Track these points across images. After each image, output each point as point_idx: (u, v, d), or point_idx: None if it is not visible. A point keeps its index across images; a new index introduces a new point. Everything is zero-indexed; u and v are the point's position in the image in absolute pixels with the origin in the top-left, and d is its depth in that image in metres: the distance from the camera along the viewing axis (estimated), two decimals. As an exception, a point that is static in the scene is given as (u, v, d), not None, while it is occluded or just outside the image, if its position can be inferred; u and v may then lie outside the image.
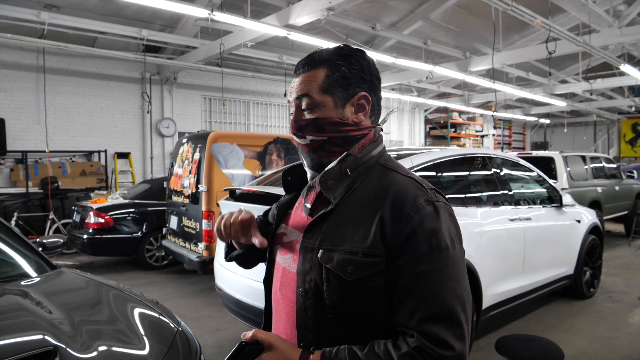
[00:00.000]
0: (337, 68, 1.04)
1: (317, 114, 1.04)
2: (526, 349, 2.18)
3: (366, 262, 0.94)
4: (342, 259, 0.95)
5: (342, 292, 0.95)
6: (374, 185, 1.02)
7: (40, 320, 1.83)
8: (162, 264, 6.89)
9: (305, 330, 1.00)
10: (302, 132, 1.07)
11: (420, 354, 0.87)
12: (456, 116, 17.36)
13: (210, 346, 3.89)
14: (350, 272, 0.94)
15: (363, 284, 0.94)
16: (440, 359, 0.86)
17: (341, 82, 1.04)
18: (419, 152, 3.68)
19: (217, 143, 5.42)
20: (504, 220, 3.84)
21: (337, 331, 0.97)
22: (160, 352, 1.83)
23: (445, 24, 10.52)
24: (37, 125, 8.69)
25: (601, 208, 8.09)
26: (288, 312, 1.06)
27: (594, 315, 4.68)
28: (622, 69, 9.70)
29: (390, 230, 0.94)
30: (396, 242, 0.93)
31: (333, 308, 0.96)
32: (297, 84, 1.07)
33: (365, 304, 0.95)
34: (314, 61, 1.06)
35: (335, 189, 1.03)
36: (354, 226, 0.98)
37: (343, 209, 1.01)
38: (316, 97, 1.04)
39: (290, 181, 1.22)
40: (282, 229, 1.17)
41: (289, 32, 7.00)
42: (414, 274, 0.91)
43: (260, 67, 11.21)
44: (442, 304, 0.90)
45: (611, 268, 6.56)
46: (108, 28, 7.86)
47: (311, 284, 0.99)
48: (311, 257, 1.00)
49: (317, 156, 1.07)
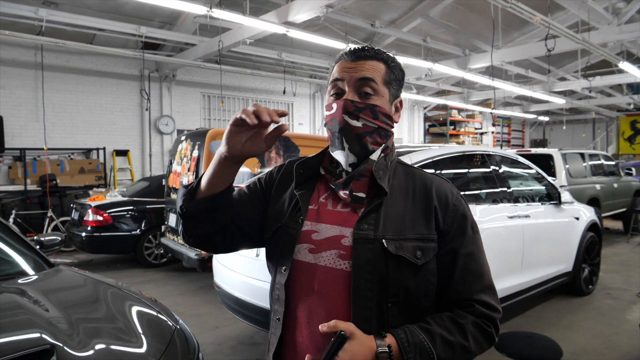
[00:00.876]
0: (392, 68, 1.12)
1: (375, 101, 1.08)
2: (525, 346, 2.18)
3: (429, 247, 1.05)
4: (412, 246, 1.03)
5: (409, 278, 1.03)
6: (405, 180, 1.12)
7: (37, 318, 1.82)
8: (161, 262, 6.89)
9: (365, 323, 0.99)
10: (358, 113, 1.07)
11: (480, 319, 1.03)
12: (455, 113, 17.33)
13: (209, 344, 3.89)
14: (419, 257, 1.03)
15: (425, 267, 1.04)
16: (494, 320, 1.05)
17: (395, 81, 1.12)
18: (418, 149, 3.67)
19: (216, 140, 5.41)
20: (502, 217, 3.84)
21: (392, 318, 1.02)
22: (158, 350, 1.83)
23: (445, 21, 10.50)
24: (36, 122, 8.66)
25: (600, 205, 8.10)
26: (332, 310, 1.03)
27: (592, 312, 4.69)
28: (621, 66, 9.70)
29: (442, 218, 1.07)
30: (450, 228, 1.07)
31: (395, 295, 1.02)
32: (358, 67, 1.08)
33: (424, 286, 1.05)
34: (376, 54, 1.10)
35: (384, 179, 1.08)
36: (408, 216, 1.07)
37: (389, 200, 1.07)
38: (380, 85, 1.08)
39: (303, 174, 1.16)
40: (307, 226, 1.10)
41: (288, 29, 6.98)
42: (466, 253, 1.07)
43: (259, 64, 11.19)
44: (487, 277, 1.09)
45: (610, 265, 6.57)
46: (107, 25, 7.84)
47: (374, 274, 1.01)
48: (372, 248, 1.02)
49: (365, 141, 1.09)
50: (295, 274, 1.08)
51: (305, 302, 1.06)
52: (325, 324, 0.92)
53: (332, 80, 1.11)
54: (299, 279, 1.08)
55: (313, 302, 1.05)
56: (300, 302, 1.07)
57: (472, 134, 17.74)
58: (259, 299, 3.12)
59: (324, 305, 1.04)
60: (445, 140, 16.30)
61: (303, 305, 1.07)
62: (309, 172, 1.17)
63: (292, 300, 1.09)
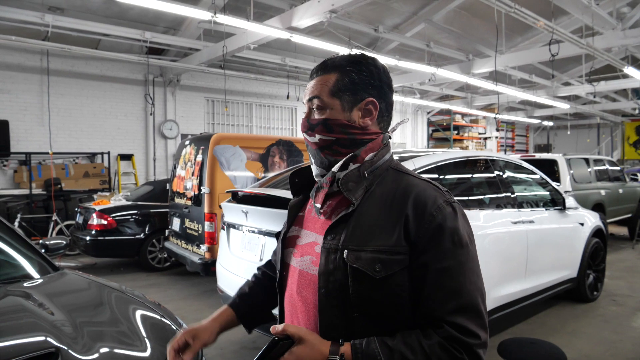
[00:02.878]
0: (347, 73, 1.09)
1: (326, 115, 1.09)
2: (529, 352, 2.17)
3: (392, 259, 0.98)
4: (370, 258, 0.99)
5: (369, 290, 0.99)
6: (390, 187, 1.07)
7: (42, 321, 1.83)
8: (165, 266, 6.90)
9: (330, 330, 1.02)
10: (312, 131, 1.11)
11: (449, 343, 0.92)
12: (459, 118, 17.32)
13: (212, 348, 3.88)
14: (378, 270, 0.98)
15: (389, 281, 0.98)
16: (468, 347, 0.93)
17: (349, 87, 1.09)
18: (422, 154, 3.67)
19: (220, 145, 5.43)
20: (506, 222, 3.82)
21: (361, 328, 1.00)
22: (161, 353, 1.83)
23: (448, 26, 10.51)
24: (41, 127, 8.72)
25: (605, 211, 8.06)
26: (308, 313, 1.08)
27: (597, 318, 4.66)
28: (626, 71, 9.67)
29: (414, 229, 0.99)
30: (421, 240, 0.98)
31: (359, 306, 1.00)
32: (310, 87, 1.13)
33: (391, 300, 0.99)
34: (326, 67, 1.12)
35: (355, 190, 1.07)
36: (377, 226, 1.02)
37: (363, 209, 1.05)
38: (325, 99, 1.09)
39: (298, 183, 1.24)
40: (294, 231, 1.19)
41: (291, 34, 7.01)
42: (440, 269, 0.97)
43: (263, 69, 11.23)
44: (466, 296, 0.96)
45: (615, 271, 6.53)
46: (111, 30, 7.90)
47: (335, 284, 1.01)
48: (335, 258, 1.02)
49: (324, 155, 1.12)
50: (285, 276, 1.17)
51: (289, 303, 1.14)
52: (275, 326, 0.96)
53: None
54: (287, 281, 1.16)
55: (295, 303, 1.12)
56: (286, 302, 1.16)
57: (476, 138, 17.70)
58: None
59: (302, 308, 1.10)
60: (449, 145, 16.27)
61: (288, 306, 1.15)
62: (304, 180, 1.24)
63: (283, 300, 1.18)
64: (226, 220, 3.89)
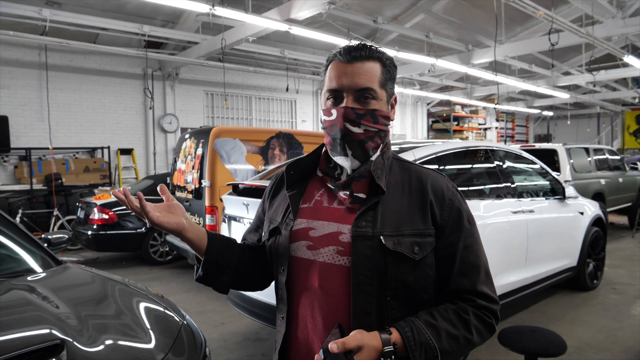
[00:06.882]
0: (388, 67, 1.12)
1: (375, 106, 1.09)
2: (529, 340, 2.19)
3: (426, 242, 1.07)
4: (410, 242, 1.05)
5: (408, 272, 1.05)
6: (400, 175, 1.14)
7: (47, 314, 1.85)
8: (166, 259, 6.93)
9: (362, 316, 1.03)
10: (359, 120, 1.08)
11: (481, 311, 1.07)
12: (459, 109, 17.27)
13: (215, 340, 3.92)
14: (416, 253, 1.05)
15: (423, 261, 1.07)
16: (492, 310, 1.08)
17: (390, 80, 1.13)
18: (422, 145, 3.67)
19: (220, 138, 5.43)
20: (506, 212, 3.84)
21: (392, 310, 1.05)
22: (166, 345, 1.85)
23: (447, 16, 10.46)
24: (41, 122, 8.71)
25: (604, 200, 8.08)
26: (336, 304, 1.06)
27: (597, 306, 4.69)
28: (626, 60, 9.64)
29: (439, 213, 1.09)
30: (447, 222, 1.09)
31: (395, 289, 1.05)
32: (354, 72, 1.07)
33: (422, 279, 1.07)
34: (370, 53, 1.09)
35: (382, 178, 1.10)
36: (405, 212, 1.08)
37: (387, 196, 1.09)
38: (377, 89, 1.09)
39: (294, 176, 1.22)
40: (302, 224, 1.14)
41: (290, 26, 6.98)
42: (464, 246, 1.09)
43: (262, 61, 11.19)
44: (484, 267, 1.12)
45: (614, 260, 6.56)
46: (110, 24, 7.87)
47: (373, 270, 1.04)
48: (370, 245, 1.04)
49: (367, 147, 1.11)
50: (294, 272, 1.13)
51: (307, 297, 1.10)
52: (334, 344, 0.89)
53: (329, 88, 1.10)
54: (299, 276, 1.12)
55: (314, 297, 1.09)
56: (302, 298, 1.11)
57: (476, 129, 17.67)
58: (264, 294, 3.14)
59: (325, 300, 1.07)
60: (449, 136, 16.25)
61: (305, 301, 1.10)
62: (300, 172, 1.22)
63: (294, 297, 1.13)
64: (227, 213, 3.90)
